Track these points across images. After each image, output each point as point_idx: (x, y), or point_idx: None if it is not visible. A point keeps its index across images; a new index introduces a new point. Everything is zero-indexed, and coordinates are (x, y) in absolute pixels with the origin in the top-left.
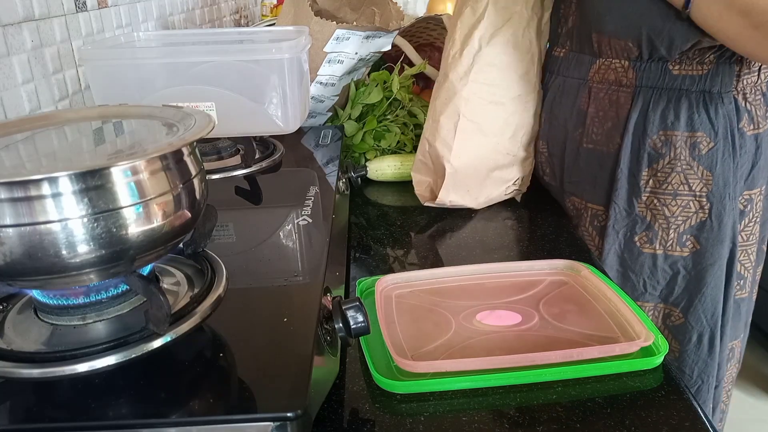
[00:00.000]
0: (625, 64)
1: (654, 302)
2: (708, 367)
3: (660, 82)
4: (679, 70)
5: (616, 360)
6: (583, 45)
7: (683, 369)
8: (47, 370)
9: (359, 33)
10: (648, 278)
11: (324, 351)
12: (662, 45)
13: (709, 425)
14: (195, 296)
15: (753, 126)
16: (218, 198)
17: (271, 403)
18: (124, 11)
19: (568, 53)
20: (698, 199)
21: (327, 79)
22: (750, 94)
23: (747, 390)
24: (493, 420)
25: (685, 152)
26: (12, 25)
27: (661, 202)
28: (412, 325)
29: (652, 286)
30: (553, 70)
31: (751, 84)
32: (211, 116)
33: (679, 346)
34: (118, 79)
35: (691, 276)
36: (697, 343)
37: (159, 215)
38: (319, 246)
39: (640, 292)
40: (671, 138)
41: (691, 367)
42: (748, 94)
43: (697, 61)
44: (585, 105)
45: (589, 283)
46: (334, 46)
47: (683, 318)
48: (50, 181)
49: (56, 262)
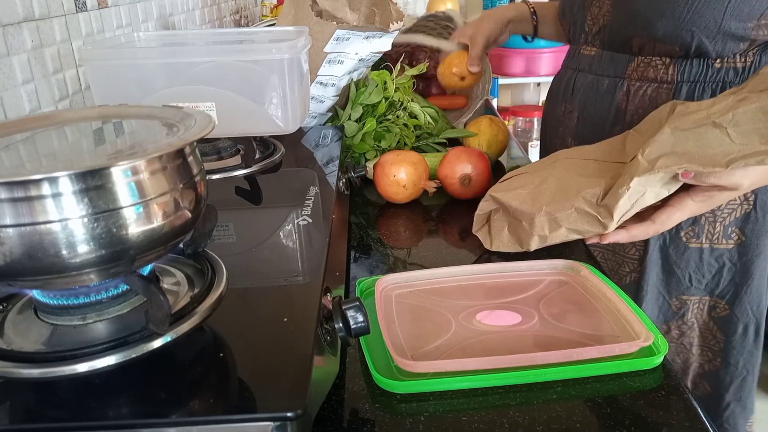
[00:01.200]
0: (666, 61)
1: (699, 295)
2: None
3: (702, 76)
4: (721, 64)
5: (616, 360)
6: (618, 45)
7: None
8: (47, 370)
9: (359, 33)
10: (694, 272)
11: (324, 351)
12: (714, 48)
13: (708, 425)
14: (195, 296)
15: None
16: (218, 198)
17: (271, 403)
18: (124, 11)
19: (600, 51)
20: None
21: (327, 80)
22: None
23: None
24: (493, 420)
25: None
26: (12, 25)
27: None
28: (412, 325)
29: (697, 280)
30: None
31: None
32: (211, 116)
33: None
34: (118, 79)
35: (736, 268)
36: (743, 334)
37: (159, 215)
38: (319, 246)
39: (685, 286)
40: None
41: (736, 357)
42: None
43: (740, 54)
44: (624, 103)
45: (588, 283)
46: (334, 46)
47: (728, 310)
48: (50, 181)
49: (56, 262)
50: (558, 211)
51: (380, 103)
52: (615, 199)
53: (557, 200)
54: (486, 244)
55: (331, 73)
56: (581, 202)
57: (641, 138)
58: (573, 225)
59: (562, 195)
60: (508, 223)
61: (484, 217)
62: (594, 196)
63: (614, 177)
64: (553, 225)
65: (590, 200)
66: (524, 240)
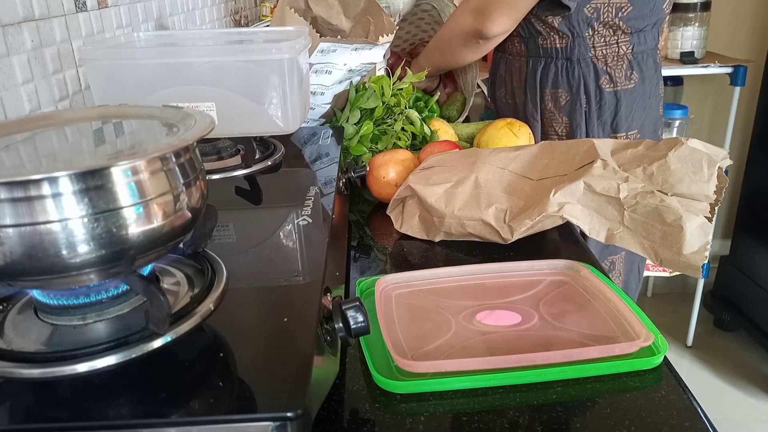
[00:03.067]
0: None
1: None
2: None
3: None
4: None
5: (616, 360)
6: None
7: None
8: (47, 370)
9: (346, 45)
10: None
11: (324, 351)
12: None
13: (708, 425)
14: (195, 296)
15: (612, 85)
16: (218, 198)
17: (271, 403)
18: (124, 11)
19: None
20: (560, 137)
21: (315, 89)
22: (610, 60)
23: (747, 390)
24: (493, 420)
25: (551, 104)
26: (12, 25)
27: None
28: (412, 325)
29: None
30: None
31: (613, 54)
32: (211, 116)
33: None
34: (118, 79)
35: None
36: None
37: (159, 215)
38: (319, 246)
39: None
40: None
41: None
42: (608, 59)
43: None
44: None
45: (588, 283)
46: (319, 57)
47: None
48: (50, 181)
49: (56, 262)
50: (467, 218)
51: (377, 107)
52: (520, 223)
53: (468, 207)
54: (396, 225)
55: (319, 82)
56: (489, 215)
57: (554, 161)
58: (477, 232)
59: (473, 203)
60: (420, 212)
61: (399, 201)
62: (501, 212)
63: (521, 195)
64: (460, 228)
65: (497, 215)
66: (431, 232)
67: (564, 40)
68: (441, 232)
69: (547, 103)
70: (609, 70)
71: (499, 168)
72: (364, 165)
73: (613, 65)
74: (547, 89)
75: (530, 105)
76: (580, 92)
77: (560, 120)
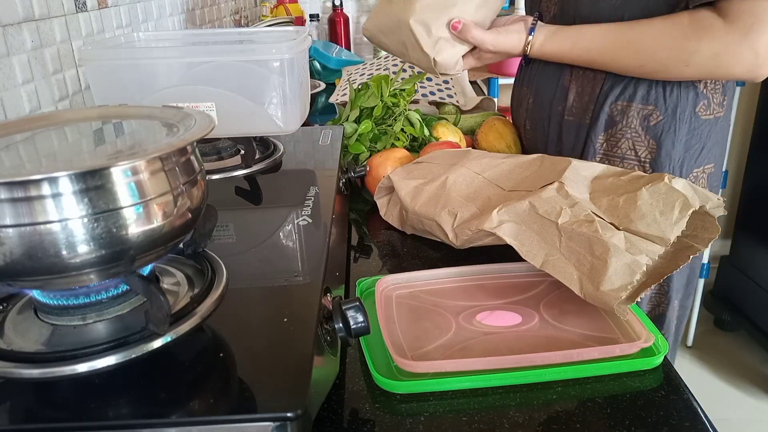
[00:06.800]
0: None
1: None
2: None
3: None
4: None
5: (616, 360)
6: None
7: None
8: (47, 370)
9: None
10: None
11: (324, 351)
12: None
13: (708, 425)
14: (195, 296)
15: (708, 112)
16: (218, 198)
17: (271, 403)
18: (124, 11)
19: None
20: (642, 164)
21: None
22: (710, 83)
23: (747, 390)
24: (493, 420)
25: (637, 122)
26: (12, 25)
27: (611, 162)
28: (412, 325)
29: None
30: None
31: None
32: (211, 116)
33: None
34: (118, 79)
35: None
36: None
37: (159, 215)
38: (319, 246)
39: None
40: (627, 108)
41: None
42: (708, 83)
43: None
44: (568, 83)
45: None
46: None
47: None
48: (50, 181)
49: (56, 262)
50: (424, 217)
51: (377, 106)
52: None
53: (427, 206)
54: (381, 212)
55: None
56: (441, 217)
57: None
58: (433, 231)
59: (432, 203)
60: (400, 204)
61: (385, 189)
62: (452, 216)
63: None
64: (420, 225)
65: (447, 219)
66: (404, 224)
67: None
68: (407, 226)
69: (631, 121)
70: (708, 95)
71: (474, 173)
72: (364, 165)
73: (712, 90)
74: (634, 103)
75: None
76: (676, 115)
77: (645, 142)
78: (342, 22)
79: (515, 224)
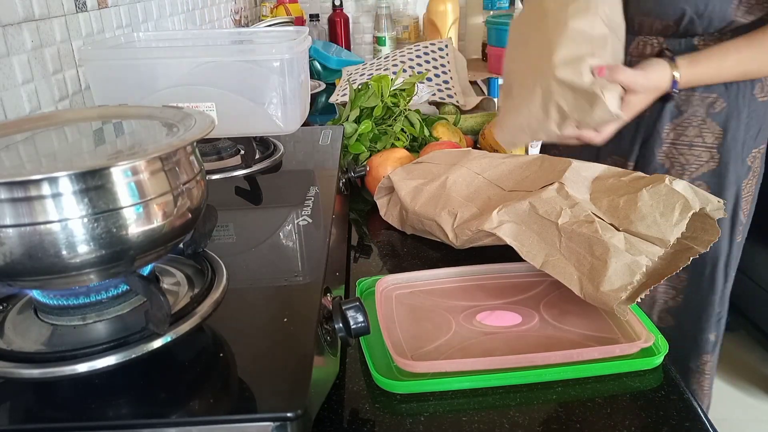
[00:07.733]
0: (660, 40)
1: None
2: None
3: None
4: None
5: (617, 360)
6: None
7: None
8: (47, 370)
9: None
10: None
11: (324, 351)
12: (701, 25)
13: (708, 425)
14: (195, 296)
15: (763, 94)
16: (218, 198)
17: (271, 403)
18: (124, 11)
19: None
20: (710, 150)
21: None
22: None
23: (747, 390)
24: (493, 420)
25: (702, 110)
26: (12, 25)
27: (678, 151)
28: (412, 325)
29: None
30: None
31: None
32: (211, 116)
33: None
34: (118, 79)
35: None
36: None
37: (159, 215)
38: (319, 246)
39: None
40: (690, 98)
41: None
42: None
43: (716, 37)
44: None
45: None
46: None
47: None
48: (50, 181)
49: (56, 262)
50: (424, 217)
51: (377, 106)
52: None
53: (427, 206)
54: (381, 212)
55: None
56: (441, 217)
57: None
58: (433, 231)
59: (432, 203)
60: (400, 204)
61: (385, 189)
62: (452, 216)
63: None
64: (419, 225)
65: (447, 219)
66: (404, 224)
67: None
68: (408, 226)
69: (696, 109)
70: (762, 78)
71: (474, 173)
72: (364, 165)
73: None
74: (696, 93)
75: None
76: (737, 100)
77: (711, 128)
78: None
79: (515, 224)
